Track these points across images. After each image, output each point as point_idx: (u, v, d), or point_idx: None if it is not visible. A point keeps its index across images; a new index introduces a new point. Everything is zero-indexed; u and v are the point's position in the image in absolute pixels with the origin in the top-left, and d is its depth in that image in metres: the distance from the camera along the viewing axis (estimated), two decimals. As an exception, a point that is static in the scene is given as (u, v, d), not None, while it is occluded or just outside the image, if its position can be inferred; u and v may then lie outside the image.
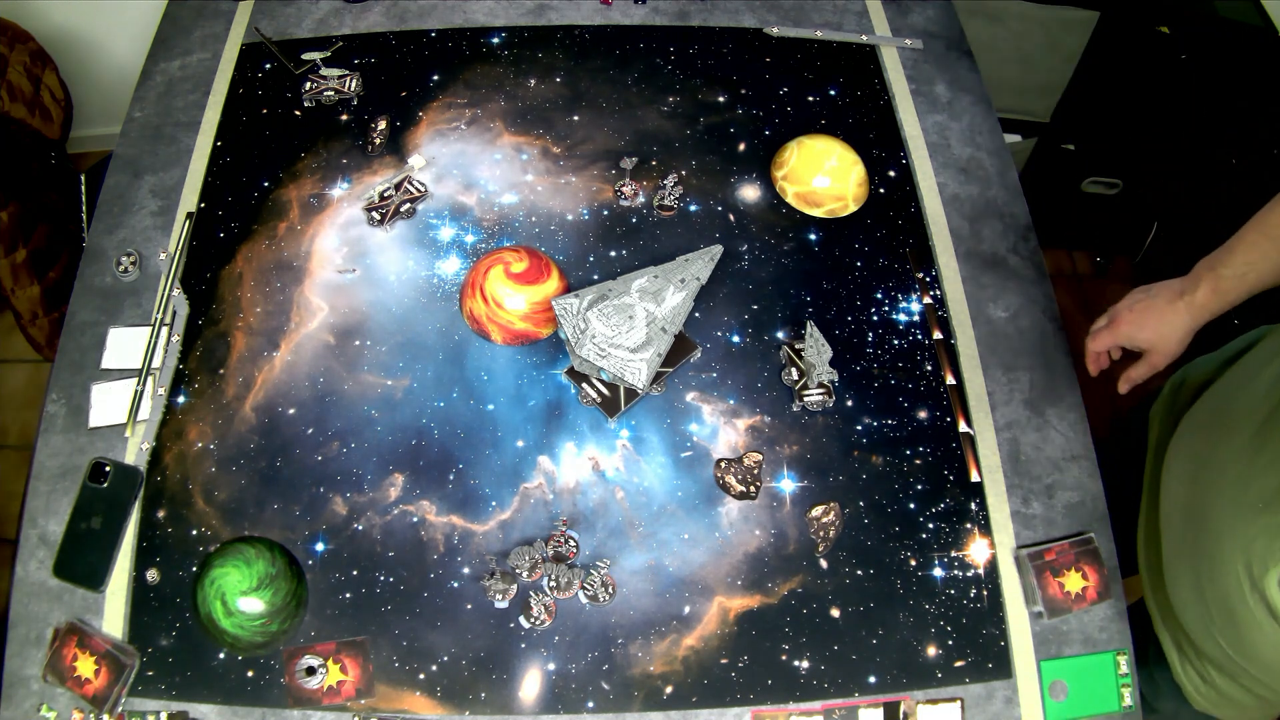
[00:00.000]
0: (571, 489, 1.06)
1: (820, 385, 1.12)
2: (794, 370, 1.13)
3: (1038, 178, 2.06)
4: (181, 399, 1.11)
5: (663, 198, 1.25)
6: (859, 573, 1.03)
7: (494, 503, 1.05)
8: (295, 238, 1.22)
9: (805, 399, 1.11)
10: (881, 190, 1.28)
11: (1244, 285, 0.94)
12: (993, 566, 1.04)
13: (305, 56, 1.36)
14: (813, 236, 1.24)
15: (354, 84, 1.34)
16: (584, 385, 1.12)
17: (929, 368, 1.15)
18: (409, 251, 1.21)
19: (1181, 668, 1.03)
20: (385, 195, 1.25)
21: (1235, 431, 0.90)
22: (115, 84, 2.03)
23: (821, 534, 1.05)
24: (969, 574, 1.04)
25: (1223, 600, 0.89)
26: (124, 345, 1.14)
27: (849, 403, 1.12)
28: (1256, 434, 0.87)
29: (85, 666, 0.96)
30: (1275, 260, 0.92)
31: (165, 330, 1.14)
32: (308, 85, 1.34)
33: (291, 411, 1.10)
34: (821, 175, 1.23)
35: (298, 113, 1.32)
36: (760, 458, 1.08)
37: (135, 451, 1.08)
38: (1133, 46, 1.85)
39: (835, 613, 1.01)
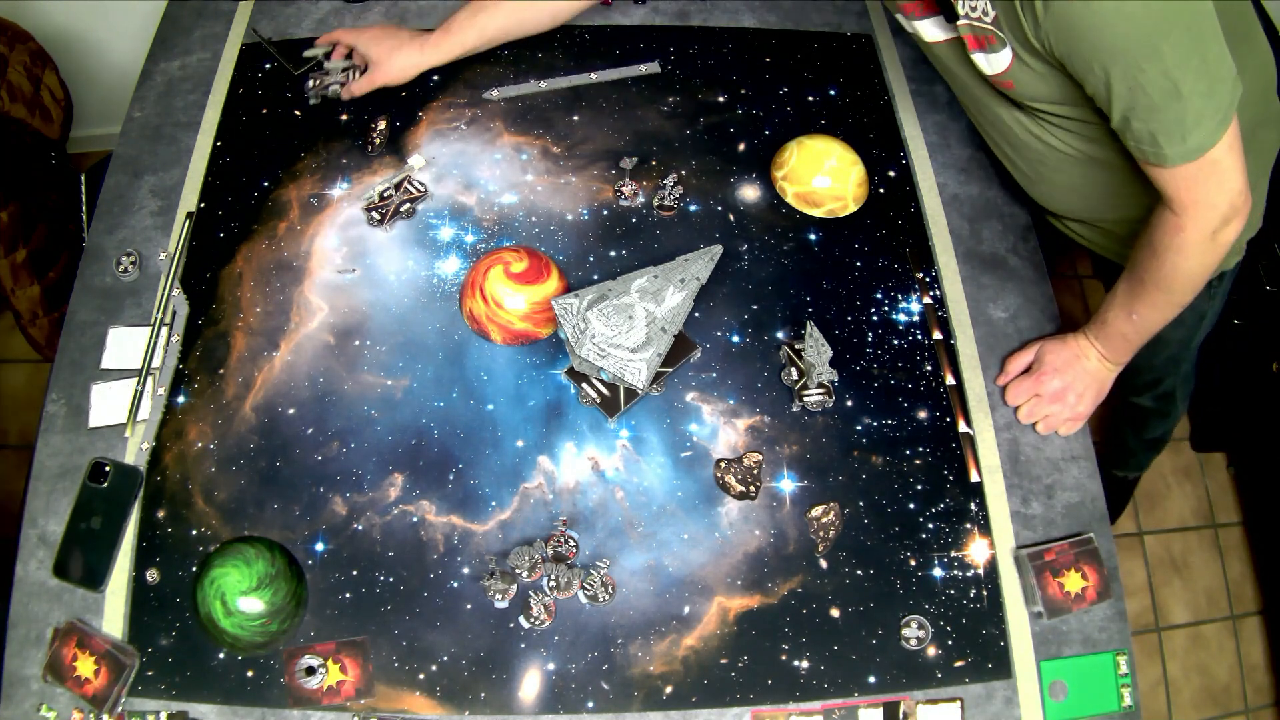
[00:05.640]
0: (571, 489, 1.06)
1: (820, 385, 1.12)
2: (794, 370, 1.13)
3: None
4: (181, 399, 1.11)
5: (663, 198, 1.25)
6: (859, 573, 1.03)
7: (494, 503, 1.05)
8: (295, 238, 1.22)
9: (805, 399, 1.11)
10: (881, 190, 1.28)
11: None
12: (992, 566, 1.04)
13: (306, 54, 1.36)
14: (813, 236, 1.24)
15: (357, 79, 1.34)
16: (584, 385, 1.12)
17: (929, 368, 1.15)
18: (409, 251, 1.21)
19: None
20: (385, 195, 1.25)
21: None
22: (115, 84, 2.03)
23: (821, 534, 1.05)
24: (969, 574, 1.04)
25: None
26: (124, 345, 1.14)
27: (849, 403, 1.12)
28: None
29: (85, 666, 0.96)
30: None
31: (165, 330, 1.14)
32: (311, 82, 1.33)
33: (291, 411, 1.10)
34: (821, 175, 1.23)
35: (298, 113, 1.32)
36: (760, 458, 1.08)
37: (135, 451, 1.08)
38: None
39: (835, 613, 1.01)
